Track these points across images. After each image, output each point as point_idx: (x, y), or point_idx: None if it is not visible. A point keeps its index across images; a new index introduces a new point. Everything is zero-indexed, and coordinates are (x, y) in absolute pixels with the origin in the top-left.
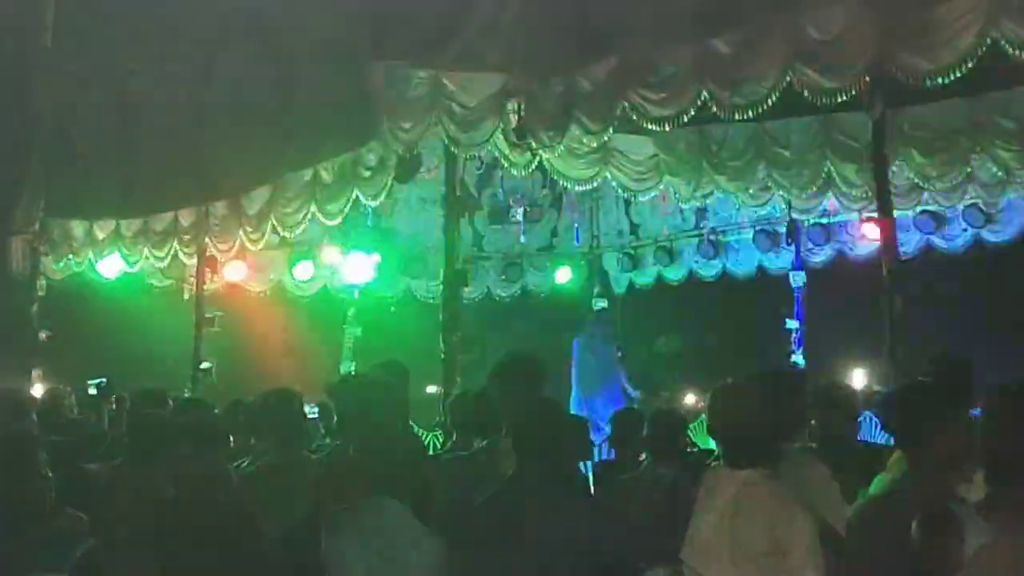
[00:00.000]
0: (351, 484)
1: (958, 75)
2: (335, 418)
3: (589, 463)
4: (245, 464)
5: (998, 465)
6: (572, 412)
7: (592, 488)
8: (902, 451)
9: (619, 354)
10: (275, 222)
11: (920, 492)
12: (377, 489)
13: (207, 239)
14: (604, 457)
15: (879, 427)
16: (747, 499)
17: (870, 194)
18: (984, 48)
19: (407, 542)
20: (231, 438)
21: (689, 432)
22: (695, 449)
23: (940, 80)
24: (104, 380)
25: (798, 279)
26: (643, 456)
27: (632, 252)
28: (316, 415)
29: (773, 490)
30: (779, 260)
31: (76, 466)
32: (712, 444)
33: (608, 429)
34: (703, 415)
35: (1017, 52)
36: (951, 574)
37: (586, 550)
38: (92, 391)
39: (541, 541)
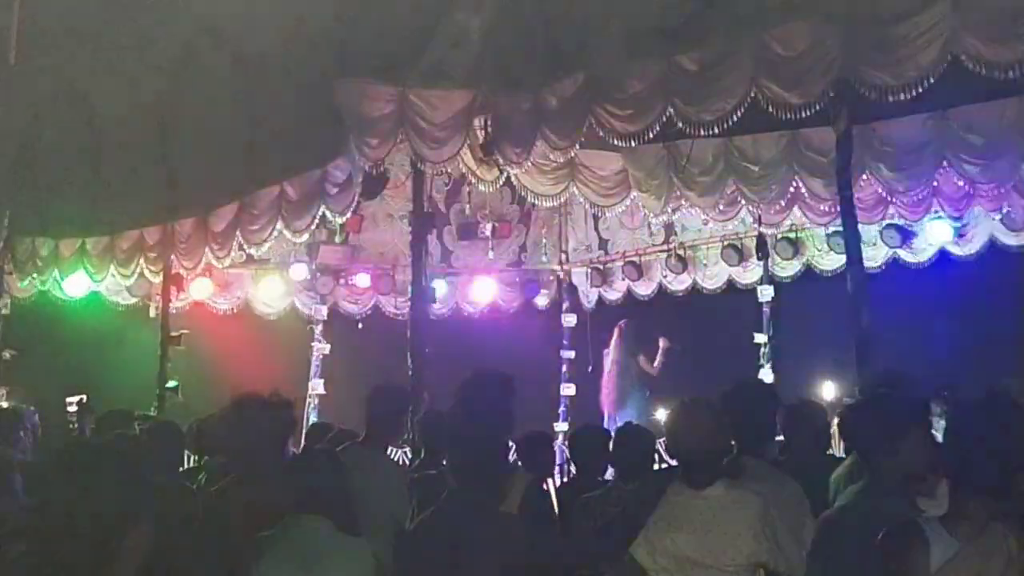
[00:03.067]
0: (274, 506)
1: (920, 90)
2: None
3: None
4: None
5: (962, 477)
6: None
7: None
8: (856, 463)
9: (634, 371)
10: (241, 239)
11: (880, 504)
12: (300, 508)
13: (173, 256)
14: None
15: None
16: (718, 514)
17: (837, 208)
18: (946, 64)
19: (336, 556)
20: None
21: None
22: (663, 466)
23: (903, 95)
24: (84, 397)
25: (766, 293)
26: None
27: (601, 267)
28: None
29: (744, 503)
30: (748, 274)
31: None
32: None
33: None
34: None
35: (978, 68)
36: None
37: (521, 564)
38: (72, 408)
39: (473, 559)
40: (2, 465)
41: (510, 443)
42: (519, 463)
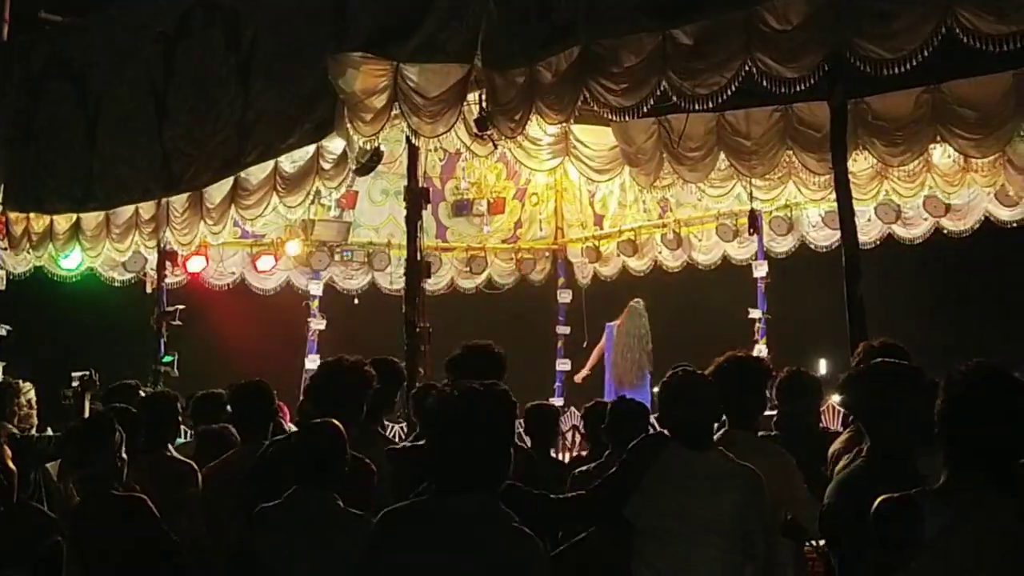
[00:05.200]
0: (278, 478)
1: (915, 63)
2: None
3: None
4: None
5: (958, 449)
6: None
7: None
8: (854, 436)
9: (649, 347)
10: (236, 214)
11: (881, 470)
12: (303, 480)
13: (168, 232)
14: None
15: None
16: (715, 475)
17: (831, 183)
18: (940, 37)
19: (341, 531)
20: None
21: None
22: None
23: (898, 69)
24: (88, 372)
25: (760, 269)
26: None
27: (596, 244)
28: None
29: (737, 472)
30: (743, 250)
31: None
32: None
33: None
34: None
35: (972, 41)
36: (910, 558)
37: None
38: (74, 383)
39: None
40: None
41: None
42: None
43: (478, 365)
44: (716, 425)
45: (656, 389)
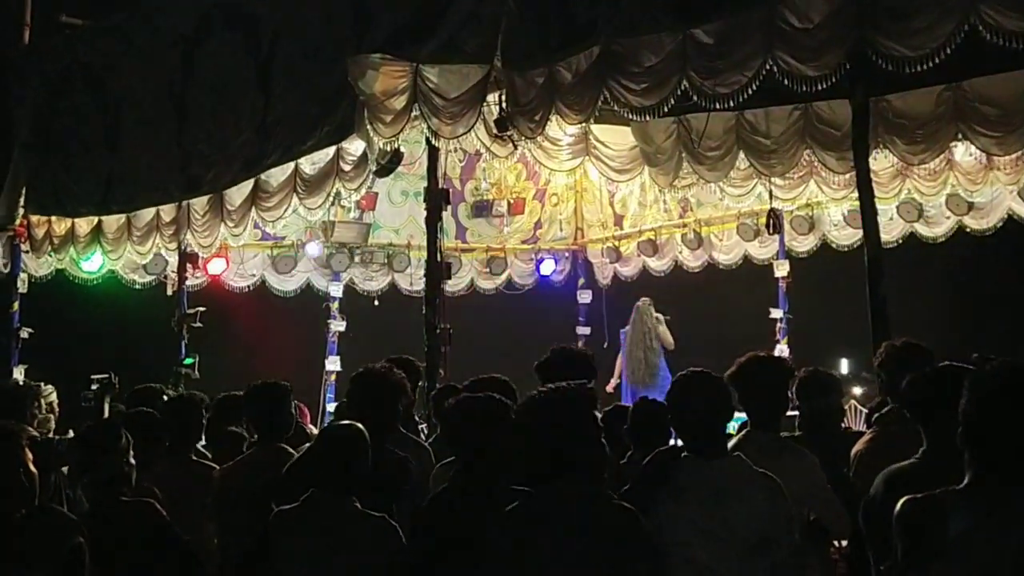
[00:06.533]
0: (296, 481)
1: (937, 61)
2: None
3: None
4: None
5: (982, 449)
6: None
7: None
8: (877, 437)
9: (654, 344)
10: (256, 216)
11: (934, 471)
12: (321, 483)
13: (189, 235)
14: None
15: (863, 415)
16: (730, 485)
17: (853, 182)
18: (963, 34)
19: (359, 534)
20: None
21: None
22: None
23: (919, 66)
24: (108, 375)
25: (782, 268)
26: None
27: (616, 244)
28: None
29: (754, 478)
30: (764, 250)
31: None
32: None
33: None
34: None
35: (994, 38)
36: (932, 558)
37: None
38: (94, 385)
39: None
40: (15, 439)
41: None
42: None
43: (566, 367)
44: (737, 426)
45: None
